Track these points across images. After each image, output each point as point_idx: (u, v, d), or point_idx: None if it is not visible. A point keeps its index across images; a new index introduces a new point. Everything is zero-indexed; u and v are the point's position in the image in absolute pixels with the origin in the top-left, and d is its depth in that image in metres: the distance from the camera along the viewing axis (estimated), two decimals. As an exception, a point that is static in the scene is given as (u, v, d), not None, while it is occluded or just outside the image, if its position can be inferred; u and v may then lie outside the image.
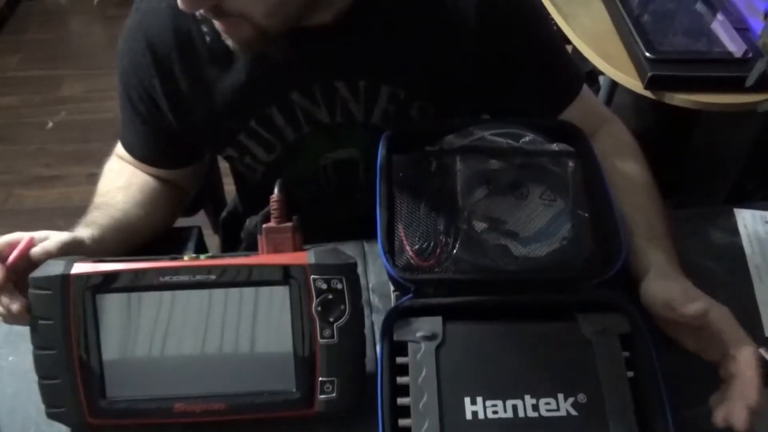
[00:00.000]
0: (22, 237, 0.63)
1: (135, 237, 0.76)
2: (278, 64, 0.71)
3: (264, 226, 0.59)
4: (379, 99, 0.75)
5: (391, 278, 0.62)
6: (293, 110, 0.75)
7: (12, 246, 0.62)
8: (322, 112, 0.75)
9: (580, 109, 0.79)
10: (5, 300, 0.59)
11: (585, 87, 0.81)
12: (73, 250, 0.64)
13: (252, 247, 0.62)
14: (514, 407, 0.53)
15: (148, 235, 0.79)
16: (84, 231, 0.69)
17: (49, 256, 0.62)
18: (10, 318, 0.59)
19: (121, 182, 0.81)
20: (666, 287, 0.61)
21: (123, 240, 0.73)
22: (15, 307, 0.58)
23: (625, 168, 0.75)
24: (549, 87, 0.80)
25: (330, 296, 0.56)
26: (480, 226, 0.62)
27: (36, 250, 0.62)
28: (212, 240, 1.09)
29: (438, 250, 0.62)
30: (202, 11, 0.60)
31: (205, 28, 0.71)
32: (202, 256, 0.58)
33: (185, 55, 0.72)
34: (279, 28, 0.63)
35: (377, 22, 0.71)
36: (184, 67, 0.73)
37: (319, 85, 0.73)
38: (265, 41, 0.63)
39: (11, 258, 0.61)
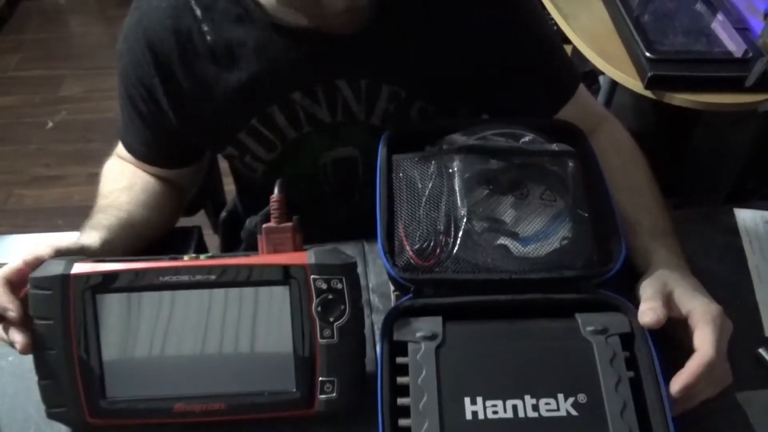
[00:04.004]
0: (29, 261, 0.59)
1: (141, 238, 0.75)
2: (281, 63, 0.71)
3: (264, 226, 0.59)
4: (379, 98, 0.75)
5: (391, 278, 0.62)
6: (294, 110, 0.75)
7: (20, 273, 0.59)
8: (323, 111, 0.75)
9: (576, 109, 0.79)
10: (17, 336, 0.56)
11: (582, 87, 0.81)
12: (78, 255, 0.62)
13: (252, 247, 0.61)
14: (514, 407, 0.53)
15: (153, 235, 0.78)
16: (91, 235, 0.68)
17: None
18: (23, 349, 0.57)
19: (124, 183, 0.81)
20: (645, 285, 0.61)
21: (130, 240, 0.73)
22: (21, 341, 0.56)
23: (625, 166, 0.75)
24: (545, 86, 0.80)
25: (330, 296, 0.56)
26: (480, 226, 0.62)
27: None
28: (212, 240, 1.09)
29: (438, 250, 0.62)
30: None
31: (205, 27, 0.71)
32: (202, 256, 0.58)
33: (185, 54, 0.72)
34: None
35: (380, 22, 0.71)
36: (185, 66, 0.73)
37: (321, 85, 0.73)
38: None
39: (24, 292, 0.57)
